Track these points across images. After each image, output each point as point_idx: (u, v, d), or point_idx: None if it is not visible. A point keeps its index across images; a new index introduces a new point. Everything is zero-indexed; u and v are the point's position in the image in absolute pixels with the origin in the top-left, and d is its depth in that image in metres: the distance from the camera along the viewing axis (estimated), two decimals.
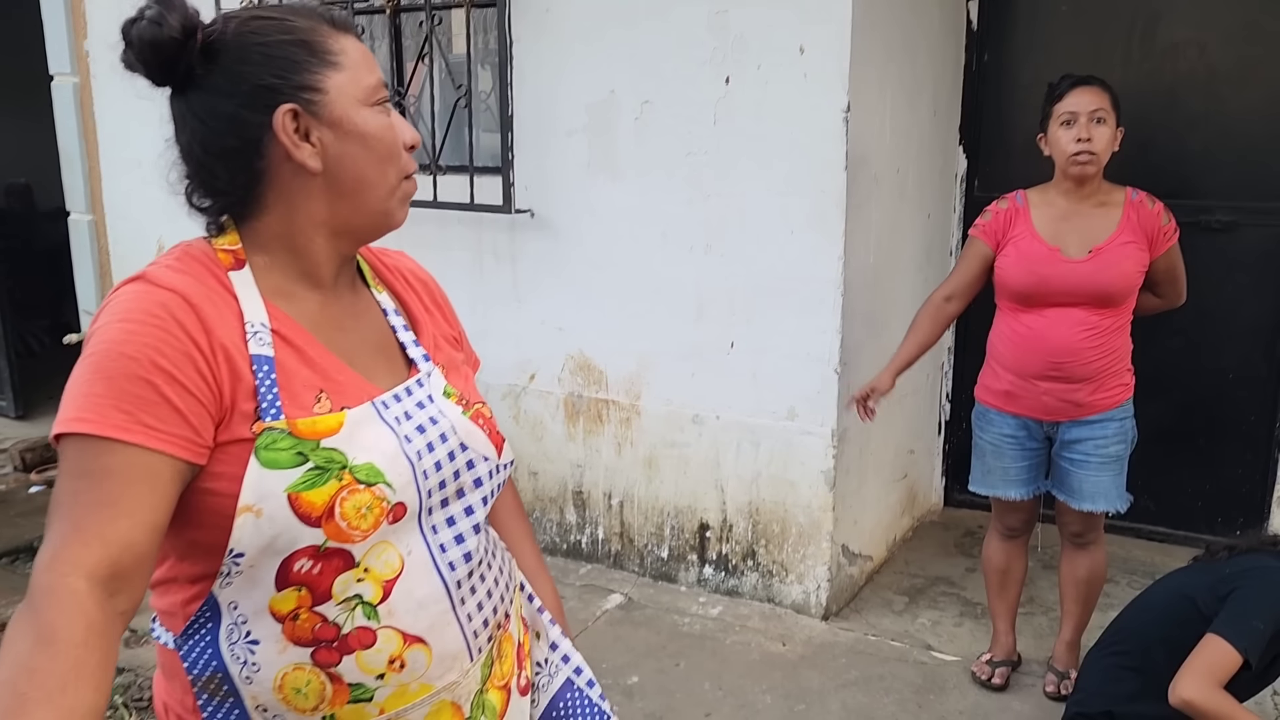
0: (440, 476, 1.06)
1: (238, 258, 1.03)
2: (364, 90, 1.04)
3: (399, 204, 1.09)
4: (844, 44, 2.89)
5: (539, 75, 3.39)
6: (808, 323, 3.10)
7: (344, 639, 1.00)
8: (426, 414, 1.08)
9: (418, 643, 1.03)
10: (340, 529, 0.96)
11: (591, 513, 3.62)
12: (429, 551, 1.05)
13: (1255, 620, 2.03)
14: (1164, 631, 2.22)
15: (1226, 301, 3.46)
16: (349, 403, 1.02)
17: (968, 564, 3.60)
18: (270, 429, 0.95)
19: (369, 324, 1.13)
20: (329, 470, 0.96)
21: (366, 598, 1.00)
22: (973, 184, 3.83)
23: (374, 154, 1.05)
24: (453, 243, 3.63)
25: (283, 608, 0.98)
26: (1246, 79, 3.36)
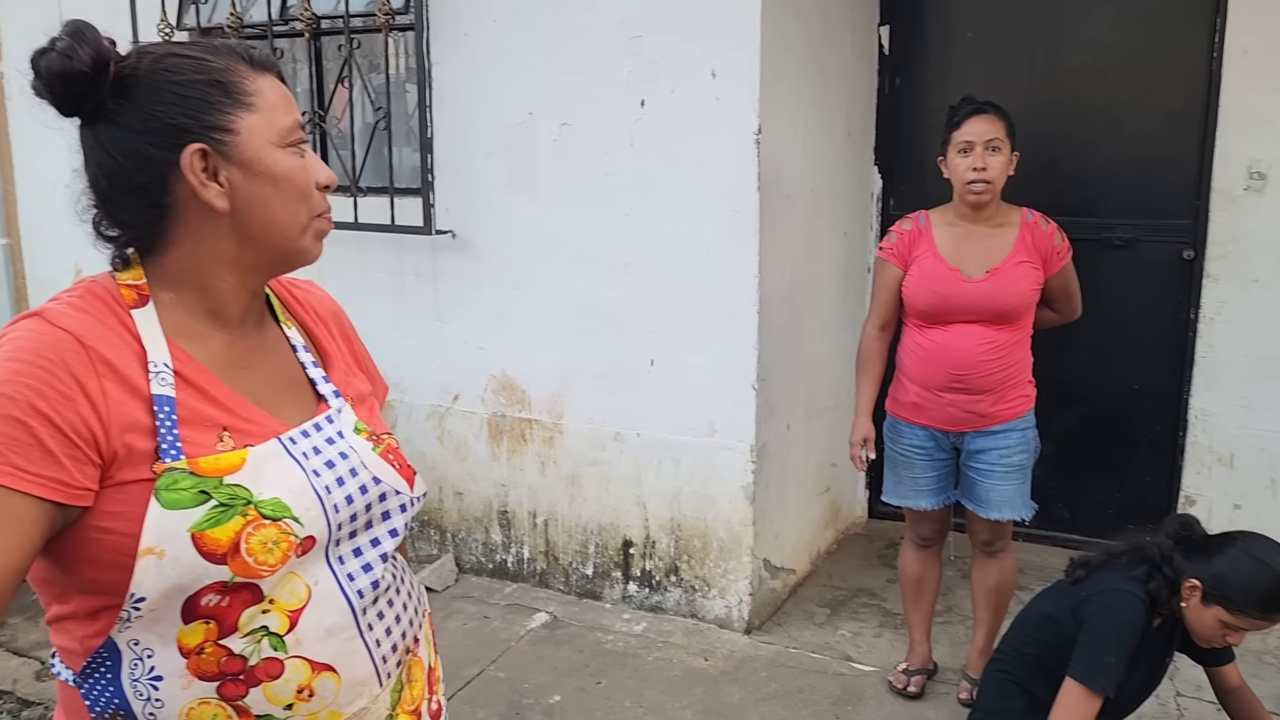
0: (351, 510, 1.06)
1: (141, 294, 1.03)
2: (278, 132, 1.04)
3: (312, 241, 1.09)
4: (754, 69, 2.96)
5: (458, 97, 3.41)
6: (726, 340, 3.15)
7: (251, 671, 1.00)
8: (336, 449, 1.08)
9: (326, 670, 1.03)
10: (247, 564, 0.96)
11: (517, 532, 3.62)
12: (336, 581, 1.05)
13: (1106, 655, 2.08)
14: (1036, 651, 2.28)
15: (1130, 315, 3.59)
16: (253, 440, 1.02)
17: (889, 575, 3.66)
18: (171, 469, 0.95)
19: (277, 361, 1.13)
20: (233, 507, 0.96)
21: (273, 628, 1.00)
22: (888, 203, 3.93)
23: (284, 195, 1.05)
24: (374, 264, 3.62)
25: (189, 641, 0.98)
26: (1141, 104, 3.50)
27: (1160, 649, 2.28)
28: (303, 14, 3.53)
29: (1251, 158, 3.27)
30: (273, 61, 1.08)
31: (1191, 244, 3.45)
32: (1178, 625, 2.26)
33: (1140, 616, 2.13)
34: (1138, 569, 2.18)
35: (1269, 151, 3.24)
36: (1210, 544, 2.19)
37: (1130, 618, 2.13)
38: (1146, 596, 2.15)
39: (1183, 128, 3.43)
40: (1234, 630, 2.11)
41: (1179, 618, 2.22)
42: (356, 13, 3.48)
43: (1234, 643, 2.17)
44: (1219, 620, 2.10)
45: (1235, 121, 3.28)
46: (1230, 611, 2.09)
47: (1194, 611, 2.13)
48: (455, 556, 3.74)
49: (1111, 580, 2.19)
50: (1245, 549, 2.13)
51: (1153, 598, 2.15)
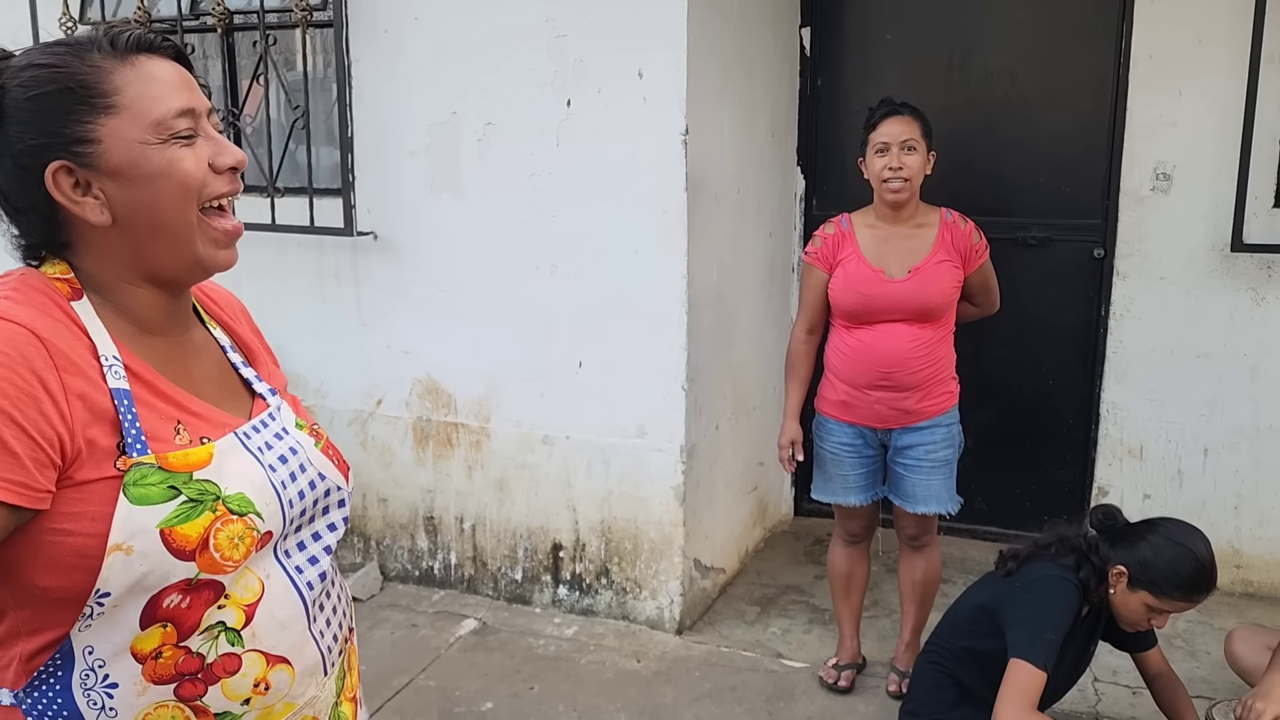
0: (303, 505, 1.07)
1: (74, 287, 0.99)
2: (146, 128, 0.96)
3: (211, 245, 1.02)
4: (680, 69, 2.96)
5: (379, 96, 3.35)
6: (654, 341, 3.14)
7: (209, 668, 0.99)
8: (286, 444, 1.08)
9: (281, 662, 1.03)
10: (214, 560, 0.95)
11: (443, 538, 3.57)
12: (286, 574, 1.05)
13: (1047, 633, 2.15)
14: (970, 643, 2.34)
15: (1044, 312, 3.69)
16: (209, 434, 1.00)
17: (817, 571, 3.71)
18: (139, 464, 0.93)
19: (210, 361, 1.11)
20: (202, 502, 0.95)
21: (230, 623, 0.99)
22: (811, 203, 3.97)
23: (164, 196, 0.97)
24: (292, 267, 3.53)
25: (145, 647, 0.96)
26: (1054, 106, 3.60)
27: (1087, 637, 2.36)
28: (215, 8, 3.42)
29: (1157, 159, 3.39)
30: (146, 40, 0.98)
31: (1102, 243, 3.56)
32: (1101, 615, 2.34)
33: (1074, 602, 2.21)
34: (1067, 558, 2.25)
35: (1173, 153, 3.37)
36: (1133, 531, 2.26)
37: (1066, 601, 2.20)
38: (1078, 584, 2.21)
39: (1092, 130, 3.55)
40: (1159, 613, 2.20)
41: (1103, 607, 2.29)
42: (272, 8, 3.39)
43: (1159, 625, 2.24)
44: (1145, 604, 2.18)
45: (1141, 124, 3.40)
46: (1155, 595, 2.17)
47: (1121, 597, 2.21)
48: (380, 564, 3.67)
49: (1044, 569, 2.26)
50: (1167, 535, 2.21)
51: (1083, 586, 2.22)
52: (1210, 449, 3.46)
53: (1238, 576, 3.50)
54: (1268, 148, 3.23)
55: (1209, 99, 3.28)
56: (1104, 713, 2.82)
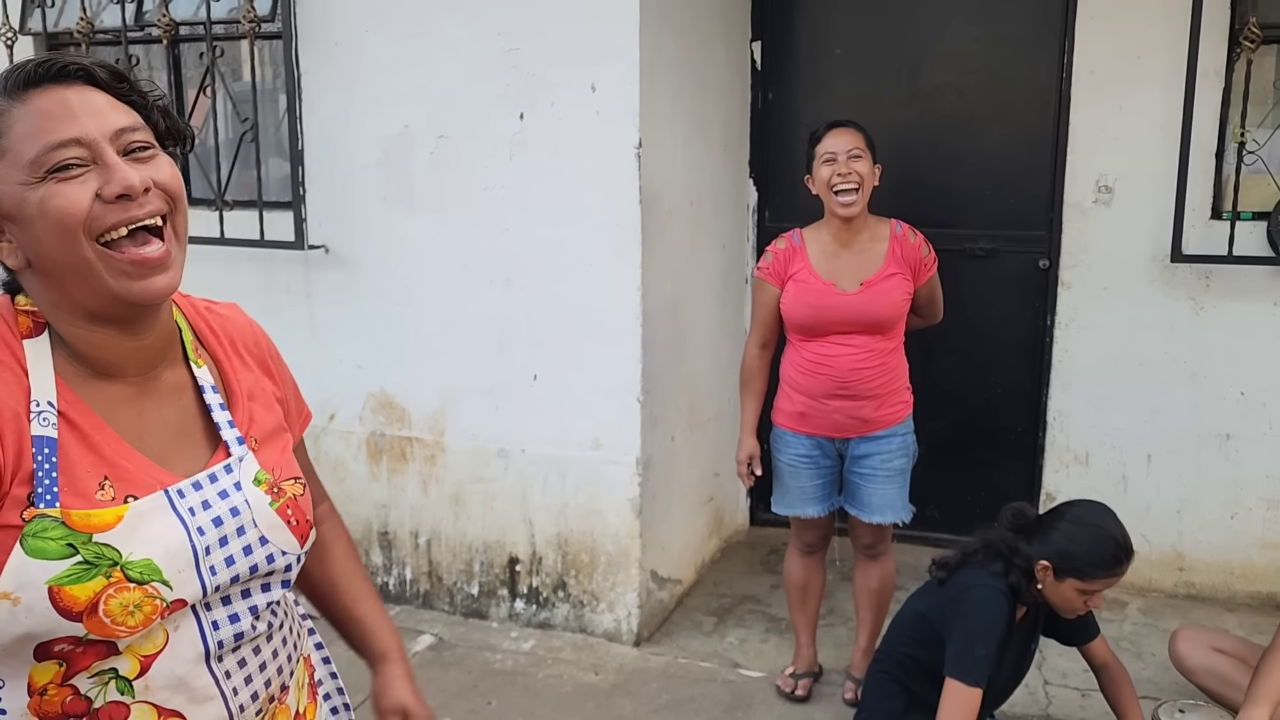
0: (232, 572, 1.01)
1: (36, 321, 0.97)
2: (25, 169, 0.92)
3: (122, 277, 0.95)
4: (633, 82, 2.98)
5: (330, 108, 3.32)
6: (609, 353, 3.15)
7: (94, 714, 0.95)
8: (228, 504, 1.02)
9: (174, 717, 0.98)
10: (104, 624, 0.91)
11: (398, 553, 3.54)
12: (200, 629, 1.00)
13: (977, 649, 2.19)
14: (913, 651, 2.38)
15: (993, 322, 3.76)
16: (136, 491, 0.96)
17: (773, 581, 3.73)
18: (43, 515, 0.90)
19: (175, 405, 1.05)
20: (97, 566, 0.91)
21: (122, 672, 0.95)
22: (764, 214, 4.01)
23: (45, 234, 0.93)
24: (242, 281, 3.48)
25: (40, 679, 0.93)
26: (999, 120, 3.68)
27: (1026, 638, 2.40)
28: (160, 19, 3.37)
29: (1099, 172, 3.48)
30: (39, 73, 0.94)
31: (1047, 254, 3.64)
32: (1039, 612, 2.38)
33: (1004, 609, 2.24)
34: (995, 564, 2.28)
35: (1115, 166, 3.45)
36: (1043, 523, 2.30)
37: (995, 612, 2.23)
38: (1008, 589, 2.25)
39: (1036, 143, 3.62)
40: (1091, 594, 2.24)
41: (1040, 606, 2.34)
42: (219, 19, 3.35)
43: (1095, 605, 2.28)
44: (1076, 590, 2.23)
45: (1084, 138, 3.48)
46: (1082, 579, 2.21)
47: (1051, 590, 2.25)
48: None
49: (974, 577, 2.30)
50: (1075, 520, 2.26)
51: (1014, 590, 2.26)
52: (1153, 454, 3.55)
53: (1181, 579, 3.59)
54: (1204, 161, 3.33)
55: (1148, 113, 3.37)
56: (1054, 715, 2.87)
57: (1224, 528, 3.51)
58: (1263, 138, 3.29)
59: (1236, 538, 3.51)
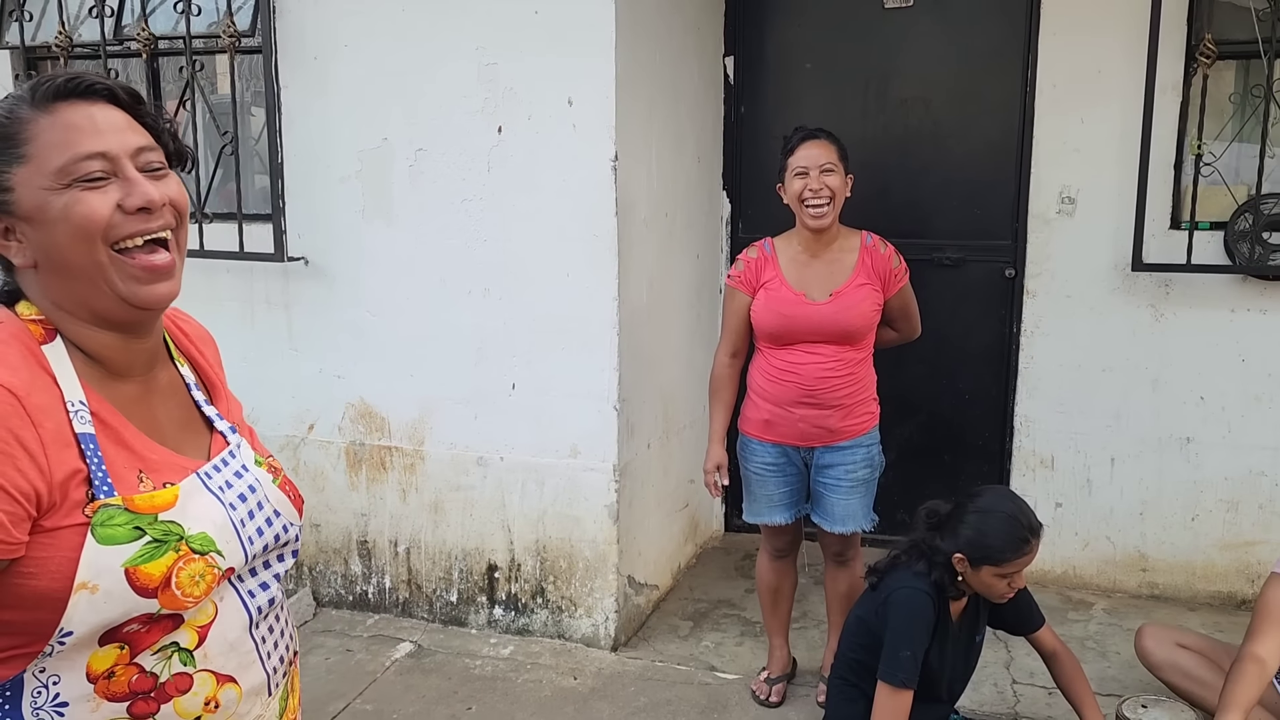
0: (263, 541, 1.12)
1: (46, 328, 1.03)
2: (50, 175, 0.99)
3: (132, 281, 1.03)
4: (609, 97, 3.04)
5: (309, 122, 3.36)
6: (586, 362, 3.20)
7: (161, 687, 1.02)
8: (245, 483, 1.13)
9: (229, 682, 1.07)
10: (175, 598, 0.99)
11: (378, 562, 3.57)
12: (239, 597, 1.09)
13: (902, 651, 2.26)
14: (859, 655, 2.44)
15: (960, 330, 3.85)
16: (171, 479, 1.04)
17: (747, 585, 3.79)
18: (106, 505, 0.96)
19: (174, 401, 1.15)
20: (166, 542, 0.99)
21: (183, 644, 1.03)
22: (737, 226, 4.09)
23: (66, 239, 1.00)
24: (222, 293, 3.51)
25: (99, 666, 0.98)
26: (965, 133, 3.77)
27: (969, 630, 2.46)
28: (139, 33, 3.41)
29: (1062, 183, 3.57)
30: (68, 88, 1.02)
31: (1012, 263, 3.74)
32: (980, 604, 2.45)
33: (927, 608, 2.30)
34: (919, 564, 2.35)
35: (1077, 177, 3.55)
36: (951, 518, 2.36)
37: (918, 612, 2.30)
38: (932, 588, 2.32)
39: (1001, 156, 3.72)
40: (1010, 576, 2.29)
41: (978, 597, 2.41)
42: (199, 33, 3.38)
43: (1018, 585, 2.33)
44: (995, 576, 2.29)
45: (1047, 150, 3.58)
46: (997, 564, 2.27)
47: (973, 579, 2.31)
48: (313, 590, 3.65)
49: (897, 580, 2.37)
50: (980, 509, 2.33)
51: (939, 586, 2.32)
52: (1117, 458, 3.64)
53: (1144, 579, 3.68)
54: (1163, 172, 3.44)
55: (1109, 126, 3.47)
56: (1022, 713, 2.95)
57: (1185, 529, 3.61)
58: (1219, 150, 3.40)
59: (1198, 539, 3.61)
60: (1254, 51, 3.28)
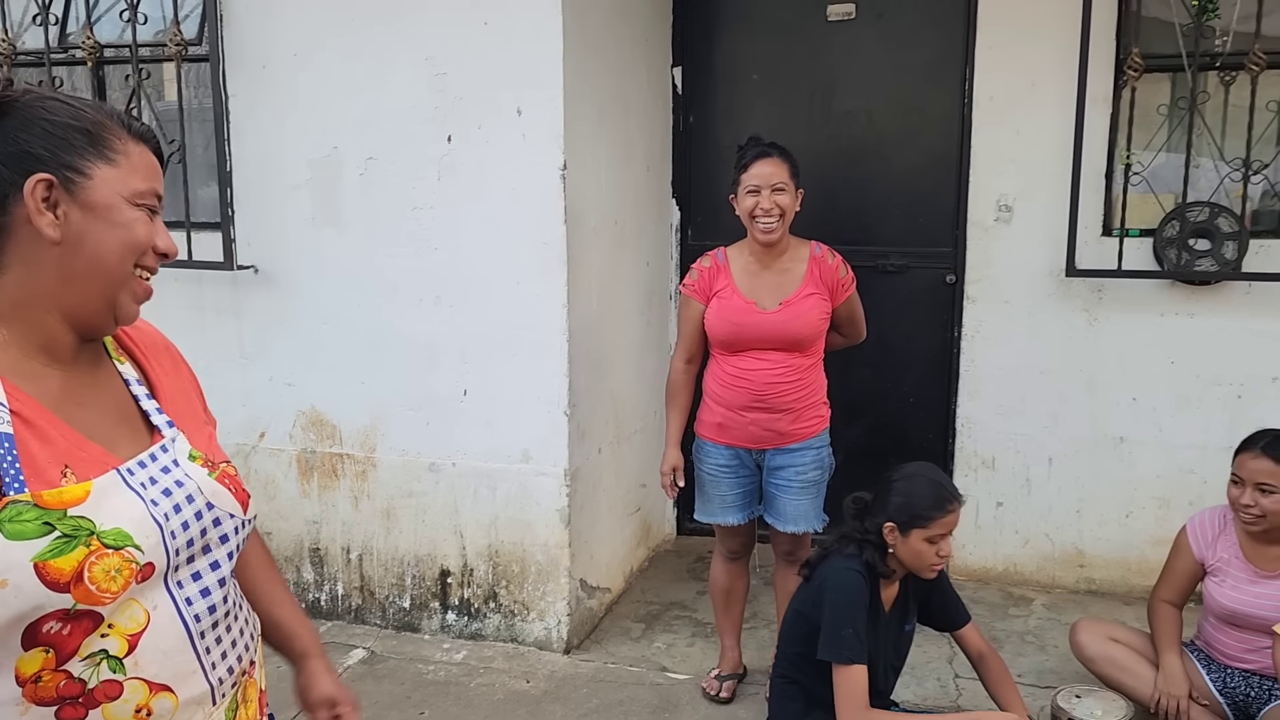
0: (188, 535, 1.11)
1: None
2: (130, 191, 1.10)
3: (129, 299, 1.13)
4: (557, 107, 3.08)
5: (259, 130, 3.36)
6: (537, 368, 3.24)
7: (90, 693, 1.03)
8: (172, 478, 1.13)
9: (164, 690, 1.08)
10: (90, 592, 1.00)
11: (330, 569, 3.57)
12: (175, 606, 1.10)
13: (844, 629, 2.33)
14: (799, 648, 2.49)
15: (904, 334, 3.94)
16: (94, 475, 1.06)
17: (699, 587, 3.85)
18: (14, 502, 0.98)
19: (110, 396, 1.17)
20: (76, 537, 1.00)
21: (112, 652, 1.04)
22: (686, 233, 4.15)
23: (116, 241, 1.09)
24: (170, 300, 3.46)
25: (27, 670, 1.00)
26: (907, 143, 3.87)
27: (900, 618, 2.53)
28: (85, 42, 3.39)
29: (999, 192, 3.68)
30: (151, 135, 1.15)
31: (953, 269, 3.84)
32: (910, 594, 2.52)
33: (861, 585, 2.38)
34: (848, 549, 2.44)
35: (1013, 186, 3.66)
36: (879, 495, 2.46)
37: (851, 590, 2.37)
38: (863, 568, 2.39)
39: (942, 165, 3.82)
40: (938, 540, 2.36)
41: (909, 586, 2.49)
42: (145, 42, 3.37)
43: (945, 553, 2.38)
44: (923, 540, 2.35)
45: (985, 160, 3.69)
46: (924, 526, 2.34)
47: (903, 548, 2.38)
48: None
49: (829, 564, 2.45)
50: (901, 477, 2.44)
51: (870, 567, 2.40)
52: (1054, 458, 3.75)
53: (1081, 575, 3.80)
54: (1095, 181, 3.56)
55: (1044, 137, 3.59)
56: (965, 705, 3.03)
57: (1120, 526, 3.73)
58: (1148, 160, 3.53)
59: (1132, 535, 3.73)
60: (1179, 65, 3.41)
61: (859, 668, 2.29)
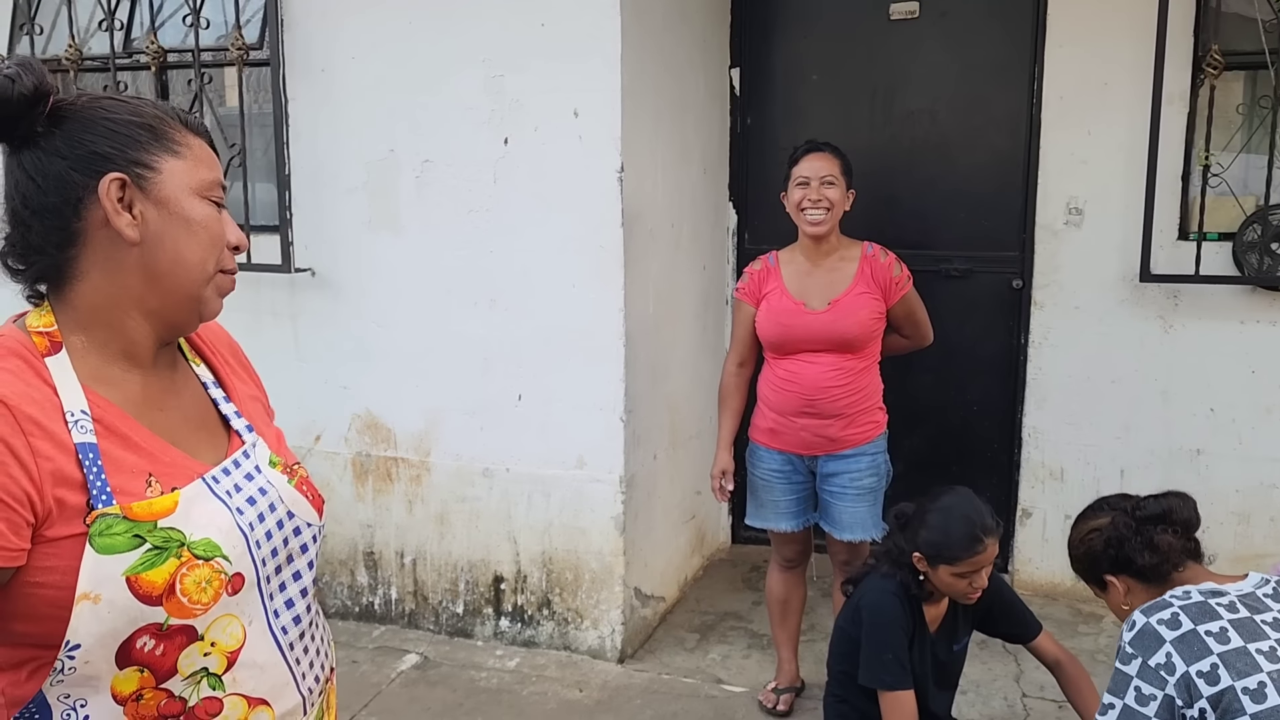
0: (271, 545, 1.10)
1: (53, 340, 1.03)
2: (198, 182, 1.08)
3: (214, 294, 1.12)
4: (615, 108, 3.05)
5: (316, 134, 3.37)
6: (593, 373, 3.20)
7: (191, 711, 1.02)
8: (255, 485, 1.12)
9: (261, 704, 1.08)
10: (182, 605, 0.99)
11: (384, 573, 3.56)
12: (266, 619, 1.09)
13: (884, 654, 2.24)
14: (844, 666, 2.41)
15: (967, 341, 3.83)
16: (178, 483, 1.04)
17: (754, 597, 3.78)
18: (104, 515, 0.96)
19: (190, 400, 1.15)
20: (167, 549, 0.98)
21: (212, 669, 1.03)
22: (743, 237, 4.09)
23: (195, 239, 1.07)
24: (227, 304, 3.48)
25: (124, 689, 0.99)
26: (972, 144, 3.77)
27: (948, 638, 2.43)
28: (149, 47, 3.43)
29: (1069, 194, 3.57)
30: (204, 128, 1.14)
31: (1020, 274, 3.72)
32: (959, 611, 2.42)
33: (895, 607, 2.28)
34: (885, 567, 2.34)
35: (1084, 189, 3.54)
36: (913, 519, 2.34)
37: (887, 612, 2.28)
38: (899, 589, 2.30)
39: (1008, 167, 3.71)
40: (969, 575, 2.24)
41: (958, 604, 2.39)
42: (207, 47, 3.40)
43: (980, 585, 2.27)
44: (952, 575, 2.25)
45: (1054, 161, 3.57)
46: (952, 564, 2.23)
47: (934, 578, 2.28)
48: (319, 601, 3.64)
49: (866, 585, 2.37)
50: (936, 508, 2.31)
51: (905, 588, 2.30)
52: (1126, 470, 3.62)
53: None
54: (1171, 184, 3.42)
55: (1116, 138, 3.47)
56: None
57: None
58: (1227, 160, 3.39)
59: (1209, 551, 3.55)
60: (1261, 62, 3.28)
61: (906, 693, 2.21)
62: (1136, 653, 1.72)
